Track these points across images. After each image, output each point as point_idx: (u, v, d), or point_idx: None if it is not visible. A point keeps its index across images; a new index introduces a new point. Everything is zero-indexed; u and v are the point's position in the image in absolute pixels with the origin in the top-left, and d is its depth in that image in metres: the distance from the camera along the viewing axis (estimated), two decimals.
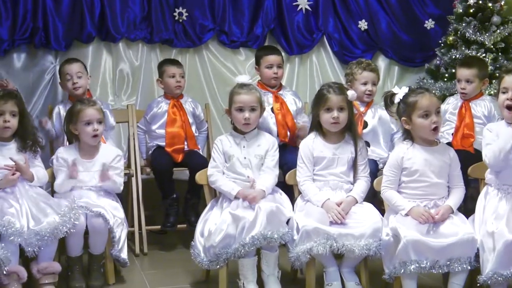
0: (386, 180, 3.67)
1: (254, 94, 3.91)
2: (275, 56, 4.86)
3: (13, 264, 3.53)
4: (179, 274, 4.14)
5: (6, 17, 5.09)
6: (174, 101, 4.86)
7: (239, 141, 3.93)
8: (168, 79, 4.86)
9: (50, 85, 5.29)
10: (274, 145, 3.97)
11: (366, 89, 4.61)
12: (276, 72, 4.80)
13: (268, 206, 3.61)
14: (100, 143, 4.11)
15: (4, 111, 3.80)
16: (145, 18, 5.43)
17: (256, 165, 3.89)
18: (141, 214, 4.74)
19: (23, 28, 5.12)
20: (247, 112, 3.86)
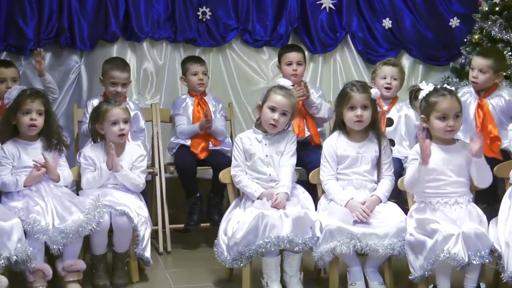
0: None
1: (290, 99, 3.89)
2: (294, 53, 4.87)
3: (38, 262, 3.56)
4: (202, 273, 4.15)
5: (32, 17, 5.14)
6: (199, 98, 4.88)
7: (261, 138, 3.92)
8: (191, 77, 4.88)
9: (75, 84, 5.33)
10: (292, 137, 3.96)
11: (384, 82, 4.59)
12: (296, 69, 4.80)
13: (296, 212, 3.60)
14: (125, 143, 4.13)
15: (31, 110, 3.84)
16: (169, 18, 5.45)
17: (279, 163, 3.88)
18: (165, 213, 4.76)
19: (48, 28, 5.17)
20: (277, 114, 3.85)
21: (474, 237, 3.30)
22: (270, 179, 3.85)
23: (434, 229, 3.35)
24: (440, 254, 3.27)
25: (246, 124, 5.55)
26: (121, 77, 4.64)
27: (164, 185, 4.81)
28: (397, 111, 4.62)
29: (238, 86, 5.65)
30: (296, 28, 5.72)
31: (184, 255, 4.64)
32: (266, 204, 3.69)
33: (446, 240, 3.27)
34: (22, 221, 3.50)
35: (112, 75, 4.63)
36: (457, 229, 3.31)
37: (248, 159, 3.90)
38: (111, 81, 4.63)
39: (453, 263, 3.26)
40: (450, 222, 3.38)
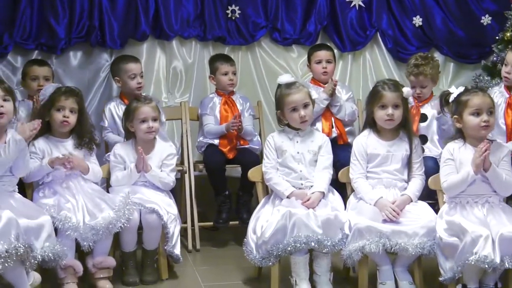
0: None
1: (303, 90, 3.90)
2: (324, 51, 4.88)
3: (69, 258, 3.60)
4: (231, 271, 4.16)
5: (63, 16, 5.18)
6: (226, 97, 4.89)
7: (292, 136, 3.92)
8: (221, 77, 4.89)
9: (106, 82, 5.36)
10: (328, 143, 3.95)
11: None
12: (325, 67, 4.80)
13: (325, 214, 3.59)
14: (156, 141, 4.16)
15: (64, 107, 3.88)
16: (198, 16, 5.45)
17: (310, 161, 3.87)
18: (194, 211, 4.77)
19: (79, 26, 5.20)
20: (302, 110, 3.85)
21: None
22: (301, 177, 3.84)
23: (464, 231, 3.31)
24: (469, 257, 3.22)
25: (275, 122, 5.49)
26: (138, 68, 4.68)
27: (193, 183, 4.83)
28: (432, 108, 4.57)
29: (267, 84, 5.64)
30: (325, 26, 5.69)
31: (213, 253, 4.65)
32: (294, 202, 3.69)
33: (475, 243, 3.23)
34: (53, 218, 3.54)
35: (129, 67, 4.65)
36: (487, 231, 3.26)
37: (280, 156, 3.90)
38: (130, 74, 4.65)
39: (483, 266, 3.21)
40: (480, 223, 3.35)
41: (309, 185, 3.83)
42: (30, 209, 3.56)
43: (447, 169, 3.57)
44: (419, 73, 4.54)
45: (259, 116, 5.18)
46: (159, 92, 5.43)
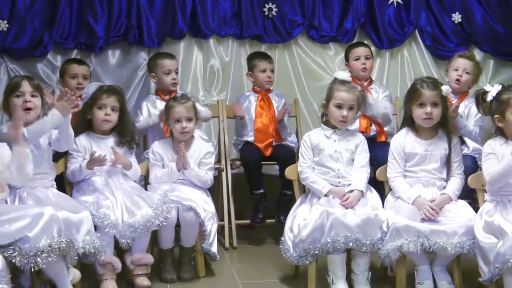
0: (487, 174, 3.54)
1: (354, 93, 3.88)
2: (362, 48, 4.87)
3: (108, 255, 3.63)
4: (268, 269, 4.16)
5: (102, 15, 5.24)
6: (262, 94, 4.89)
7: (330, 134, 3.91)
8: (259, 74, 4.90)
9: (143, 81, 5.41)
10: (364, 142, 3.93)
11: (456, 74, 4.49)
12: (364, 63, 4.78)
13: (365, 213, 3.57)
14: (193, 139, 4.18)
15: (106, 105, 3.94)
16: (235, 15, 5.47)
17: (347, 160, 3.85)
18: (231, 208, 4.78)
19: (117, 25, 5.26)
20: (345, 110, 3.83)
21: None
22: (338, 175, 3.83)
23: (503, 233, 3.24)
24: (509, 260, 3.15)
25: (311, 120, 5.53)
26: (173, 64, 4.71)
27: (230, 181, 4.84)
28: (465, 107, 4.51)
29: (303, 82, 5.63)
30: (363, 24, 5.66)
31: (250, 250, 4.66)
32: (332, 201, 3.67)
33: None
34: (92, 215, 3.57)
35: (164, 63, 4.69)
36: None
37: (317, 154, 3.89)
38: (165, 70, 4.69)
39: None
40: None
41: (346, 184, 3.81)
42: (70, 203, 3.61)
43: (489, 163, 3.49)
44: (470, 57, 4.50)
45: (296, 114, 5.18)
46: (196, 90, 5.45)
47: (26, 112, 3.57)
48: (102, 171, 3.90)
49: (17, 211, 3.09)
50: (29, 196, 3.48)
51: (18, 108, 3.57)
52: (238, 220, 4.83)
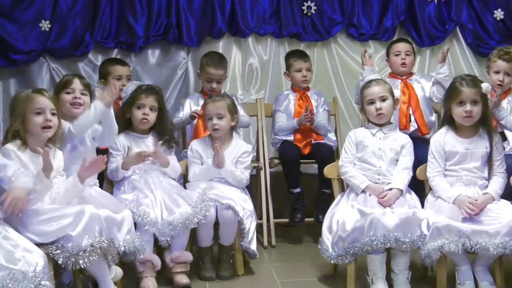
0: None
1: (383, 85, 3.89)
2: (403, 44, 4.86)
3: (147, 253, 3.67)
4: (306, 268, 4.15)
5: (142, 14, 5.29)
6: (301, 93, 4.88)
7: (375, 132, 3.88)
8: (295, 73, 4.89)
9: (183, 80, 5.45)
10: (411, 144, 3.89)
11: (497, 78, 4.41)
12: (404, 58, 4.74)
13: (403, 211, 3.54)
14: (232, 137, 4.19)
15: (145, 105, 3.98)
16: (274, 13, 5.47)
17: (391, 159, 3.82)
18: (269, 207, 4.78)
19: (157, 25, 5.31)
20: (378, 103, 3.81)
21: None
22: (379, 172, 3.80)
23: None
24: None
25: (350, 118, 5.51)
26: (216, 74, 4.71)
27: (268, 179, 4.84)
28: (508, 103, 4.43)
29: (342, 80, 5.61)
30: (403, 21, 5.60)
31: (289, 249, 4.66)
32: (369, 200, 3.65)
33: None
34: (132, 213, 3.60)
35: (208, 71, 4.71)
36: None
37: (360, 150, 3.87)
38: (206, 77, 4.71)
39: None
40: None
41: (386, 182, 3.78)
42: (111, 202, 3.65)
43: None
44: (509, 59, 4.40)
45: (335, 112, 5.16)
46: (235, 89, 5.47)
47: (74, 107, 3.66)
48: (141, 170, 3.94)
49: (59, 210, 3.13)
50: None
51: (66, 104, 3.67)
52: (277, 218, 4.82)
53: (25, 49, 5.14)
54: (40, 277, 2.53)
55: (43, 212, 3.09)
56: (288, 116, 4.83)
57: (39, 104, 3.25)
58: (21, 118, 3.22)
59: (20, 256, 2.73)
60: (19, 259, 2.70)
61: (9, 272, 2.37)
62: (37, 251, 2.84)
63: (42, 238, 3.04)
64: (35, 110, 3.24)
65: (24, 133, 3.22)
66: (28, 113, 3.23)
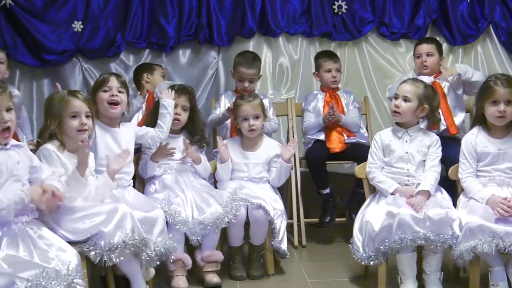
0: None
1: (414, 85, 3.82)
2: (423, 45, 4.81)
3: (179, 252, 3.69)
4: (337, 268, 4.13)
5: (173, 15, 5.32)
6: (330, 92, 4.86)
7: (401, 135, 3.85)
8: (324, 74, 4.87)
9: (213, 80, 5.47)
10: (437, 141, 3.84)
11: None
12: (425, 60, 4.69)
13: (435, 212, 3.50)
14: (263, 138, 4.20)
15: (177, 105, 4.00)
16: (305, 12, 5.46)
17: (419, 161, 3.78)
18: (300, 207, 4.78)
19: (188, 25, 5.33)
20: (399, 100, 3.79)
21: None
22: (408, 174, 3.77)
23: None
24: None
25: (381, 118, 5.47)
26: (248, 73, 4.70)
27: (299, 179, 4.84)
28: None
29: (374, 80, 5.58)
30: (435, 20, 5.55)
31: (319, 249, 4.64)
32: (399, 200, 3.62)
33: None
34: (164, 212, 3.63)
35: (239, 70, 4.71)
36: None
37: (387, 155, 3.84)
38: (238, 76, 4.72)
39: None
40: None
41: (416, 183, 3.75)
42: (145, 203, 3.68)
43: None
44: None
45: (366, 112, 5.12)
46: (266, 88, 5.47)
47: (112, 107, 3.71)
48: (172, 169, 3.97)
49: (92, 208, 3.17)
50: None
51: (104, 102, 3.72)
52: (307, 218, 4.81)
53: (58, 49, 5.21)
54: (73, 275, 2.56)
55: (76, 210, 3.13)
56: (317, 115, 4.81)
57: (75, 108, 3.29)
58: (57, 120, 3.27)
59: (54, 255, 2.76)
60: (53, 258, 2.73)
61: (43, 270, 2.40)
62: (71, 250, 2.87)
63: (76, 236, 3.08)
64: (71, 114, 3.28)
65: (60, 135, 3.27)
66: (64, 116, 3.27)
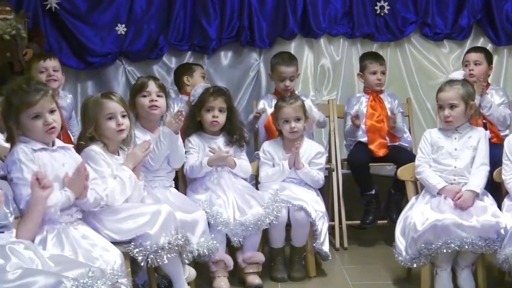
0: None
1: (457, 89, 3.75)
2: (472, 54, 4.75)
3: (220, 253, 3.70)
4: (379, 271, 4.10)
5: (215, 17, 5.35)
6: (374, 95, 4.83)
7: (450, 133, 3.79)
8: (369, 76, 4.84)
9: (255, 81, 5.48)
10: (486, 136, 3.77)
11: None
12: (472, 69, 4.62)
13: (486, 220, 3.44)
14: (304, 138, 4.19)
15: (214, 107, 4.02)
16: (346, 13, 5.44)
17: (469, 159, 3.71)
18: (341, 209, 4.75)
19: (230, 27, 5.36)
20: (447, 110, 3.73)
21: None
22: (454, 173, 3.71)
23: None
24: None
25: (424, 119, 5.42)
26: (288, 71, 4.70)
27: (340, 181, 4.81)
28: None
29: (416, 81, 5.52)
30: (479, 20, 5.47)
31: (361, 251, 4.61)
32: (443, 203, 3.57)
33: None
34: (206, 213, 3.65)
35: (279, 70, 4.71)
36: None
37: (435, 152, 3.79)
38: (279, 76, 4.71)
39: None
40: None
41: (462, 182, 3.69)
42: (186, 203, 3.71)
43: None
44: None
45: (409, 113, 5.07)
46: (307, 90, 5.47)
47: (152, 109, 3.75)
48: (214, 171, 3.98)
49: (135, 208, 3.21)
50: (149, 195, 3.60)
51: (145, 107, 3.76)
52: (349, 220, 4.78)
53: (102, 52, 5.29)
54: (117, 275, 2.59)
55: (120, 211, 3.17)
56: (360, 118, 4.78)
57: (110, 110, 3.33)
58: (93, 123, 3.32)
59: (98, 255, 2.80)
60: (97, 258, 2.77)
61: (89, 270, 2.43)
62: (114, 250, 2.91)
63: (120, 236, 3.12)
64: (106, 116, 3.33)
65: (99, 137, 3.32)
66: (100, 119, 3.32)
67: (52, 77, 4.28)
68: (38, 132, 2.87)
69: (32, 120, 2.86)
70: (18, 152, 2.82)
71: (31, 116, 2.85)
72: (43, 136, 2.89)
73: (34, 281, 2.29)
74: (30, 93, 2.85)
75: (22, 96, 2.85)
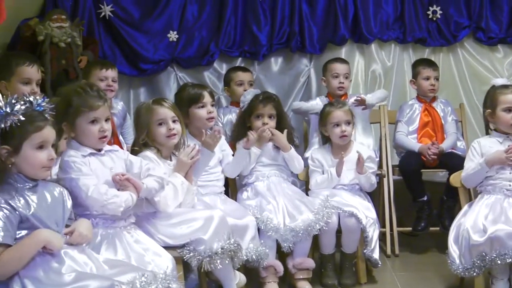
0: None
1: None
2: None
3: (270, 258, 3.71)
4: (431, 278, 4.05)
5: (265, 23, 5.37)
6: (427, 105, 4.77)
7: (502, 140, 3.72)
8: (422, 82, 4.80)
9: (305, 87, 5.48)
10: None
11: None
12: None
13: None
14: (353, 143, 4.18)
15: (263, 114, 4.04)
16: (398, 18, 5.40)
17: None
18: (393, 215, 4.71)
19: (280, 33, 5.37)
20: None
21: None
22: (509, 179, 3.63)
23: None
24: None
25: (478, 125, 5.32)
26: (342, 68, 4.74)
27: (391, 187, 4.77)
28: None
29: (469, 86, 5.44)
30: None
31: (413, 258, 4.56)
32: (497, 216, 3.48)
33: None
34: (256, 218, 3.67)
35: (333, 67, 4.73)
36: None
37: None
38: (332, 74, 4.73)
39: None
40: None
41: None
42: (236, 209, 3.74)
43: None
44: None
45: (462, 119, 4.99)
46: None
47: (210, 122, 3.83)
48: (264, 176, 4.01)
49: (188, 213, 3.26)
50: (199, 202, 3.63)
51: (203, 119, 3.83)
52: (400, 227, 4.74)
53: (154, 59, 5.35)
54: (169, 280, 2.61)
55: (173, 216, 3.22)
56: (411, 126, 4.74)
57: (161, 115, 3.39)
58: (145, 130, 3.37)
59: (150, 260, 2.84)
60: (149, 262, 2.81)
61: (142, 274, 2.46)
62: (166, 254, 2.94)
63: (174, 240, 3.17)
64: (157, 122, 3.39)
65: (152, 143, 3.38)
66: (151, 125, 3.39)
67: (111, 87, 4.34)
68: (92, 138, 2.90)
69: (90, 124, 2.89)
70: (70, 155, 2.85)
71: (89, 119, 2.89)
72: (96, 142, 2.92)
73: (87, 284, 2.34)
74: (93, 97, 2.90)
75: (84, 99, 2.88)
